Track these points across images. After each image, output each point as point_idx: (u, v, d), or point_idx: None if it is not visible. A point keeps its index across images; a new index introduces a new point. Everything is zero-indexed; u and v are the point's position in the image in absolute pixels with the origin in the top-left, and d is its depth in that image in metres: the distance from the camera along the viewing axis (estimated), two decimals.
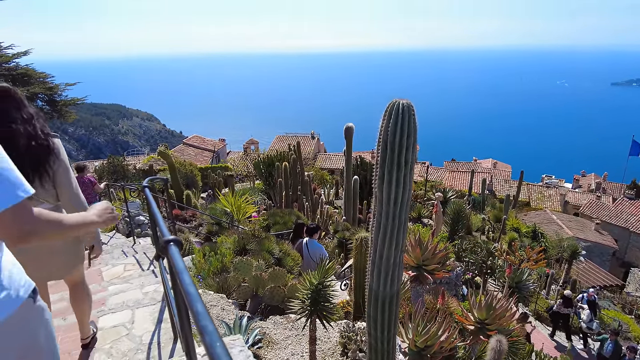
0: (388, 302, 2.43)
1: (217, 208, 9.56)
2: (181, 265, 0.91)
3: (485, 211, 20.80)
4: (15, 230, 1.09)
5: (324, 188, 22.00)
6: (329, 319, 3.43)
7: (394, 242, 2.26)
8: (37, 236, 1.15)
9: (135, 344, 3.00)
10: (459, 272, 9.04)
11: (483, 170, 37.28)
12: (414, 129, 2.15)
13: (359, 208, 12.64)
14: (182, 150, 34.40)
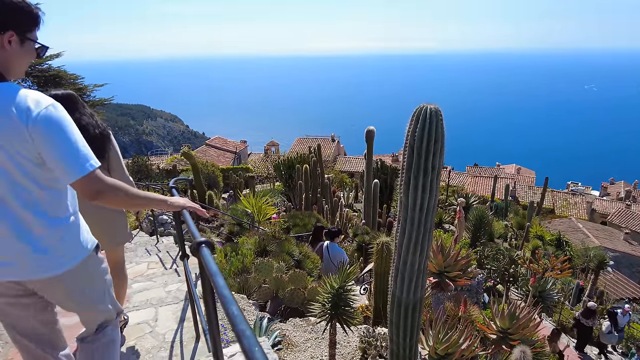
0: (411, 309, 2.40)
1: (238, 209, 9.66)
2: (214, 267, 0.93)
3: (507, 218, 20.39)
4: (89, 190, 1.44)
5: (344, 191, 21.98)
6: (349, 323, 3.41)
7: (418, 248, 2.24)
8: (104, 195, 1.47)
9: (159, 341, 3.05)
10: (480, 279, 8.87)
11: (506, 176, 36.59)
12: (442, 135, 2.12)
13: (378, 212, 12.56)
14: (204, 151, 34.94)
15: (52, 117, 1.40)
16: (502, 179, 32.00)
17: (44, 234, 1.48)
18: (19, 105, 1.37)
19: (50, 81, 17.02)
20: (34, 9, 1.50)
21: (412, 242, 2.23)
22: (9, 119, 1.35)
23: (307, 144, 34.90)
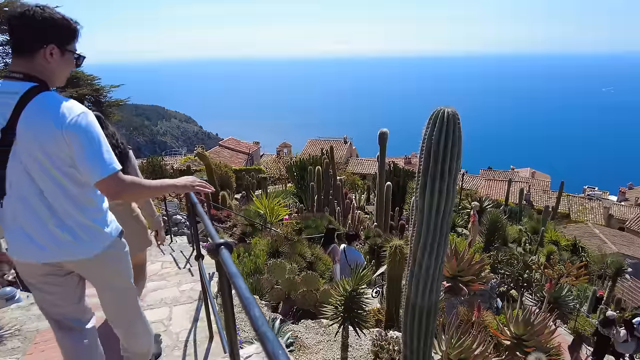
0: (426, 314, 2.38)
1: (251, 209, 9.70)
2: (234, 269, 0.93)
3: (522, 222, 20.10)
4: (111, 190, 1.64)
5: (355, 193, 21.92)
6: (362, 326, 3.40)
7: (434, 252, 2.22)
8: (124, 193, 1.68)
9: (173, 340, 3.07)
10: (493, 284, 8.77)
11: (521, 179, 36.10)
12: (459, 138, 2.10)
13: (390, 214, 12.50)
14: (217, 152, 35.21)
15: (82, 123, 1.59)
16: (517, 183, 31.58)
17: (75, 223, 1.71)
18: (57, 112, 1.56)
19: (68, 82, 17.30)
20: (72, 24, 1.69)
21: (427, 246, 2.21)
22: (49, 124, 1.54)
23: (319, 146, 34.92)
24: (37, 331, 3.29)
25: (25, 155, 1.59)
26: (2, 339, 3.13)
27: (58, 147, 1.57)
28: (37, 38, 1.60)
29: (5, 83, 1.59)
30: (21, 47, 1.61)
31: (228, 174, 19.94)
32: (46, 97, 1.58)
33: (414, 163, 39.87)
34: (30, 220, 1.67)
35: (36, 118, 1.55)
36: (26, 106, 1.54)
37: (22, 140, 1.56)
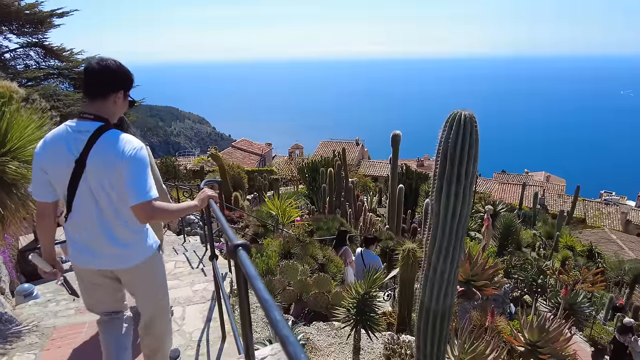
0: (440, 318, 2.36)
1: (263, 210, 9.73)
2: (253, 271, 0.93)
3: (536, 226, 19.80)
4: (142, 214, 1.90)
5: (367, 195, 21.85)
6: (374, 329, 3.39)
7: (449, 256, 2.19)
8: (154, 218, 1.96)
9: (186, 340, 3.10)
10: (507, 289, 8.64)
11: (535, 183, 35.60)
12: (476, 141, 2.08)
13: (403, 217, 12.43)
14: (230, 153, 35.44)
15: (136, 156, 1.92)
16: (531, 187, 31.14)
17: (125, 238, 2.06)
18: (118, 146, 1.91)
19: None
20: (132, 75, 2.11)
21: (442, 249, 2.19)
22: (112, 156, 1.89)
23: (331, 148, 34.91)
24: (54, 328, 3.35)
25: (92, 180, 1.93)
26: (20, 334, 3.19)
27: (116, 174, 1.91)
28: (112, 86, 2.00)
29: (80, 123, 1.96)
30: (96, 93, 1.99)
31: (240, 175, 20.05)
32: (111, 134, 1.94)
33: (427, 165, 39.60)
34: (89, 233, 2.02)
35: (102, 151, 1.90)
36: (95, 142, 1.90)
37: (91, 169, 1.91)
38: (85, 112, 1.97)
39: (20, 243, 5.45)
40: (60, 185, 1.98)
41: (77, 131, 1.93)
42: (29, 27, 16.20)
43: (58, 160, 1.93)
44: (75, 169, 1.91)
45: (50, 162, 1.95)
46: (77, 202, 1.98)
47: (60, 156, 1.92)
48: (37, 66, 17.25)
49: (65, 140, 1.93)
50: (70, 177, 1.94)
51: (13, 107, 3.34)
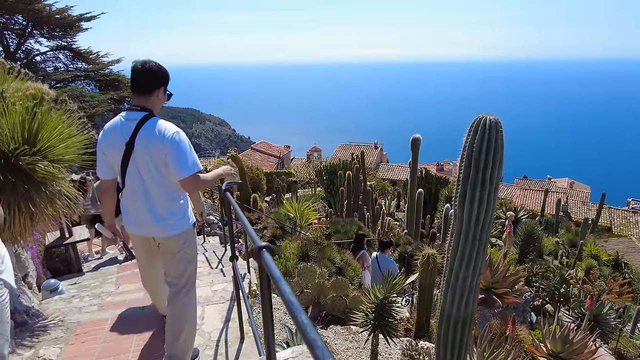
0: (461, 325, 2.32)
1: (281, 212, 9.78)
2: (278, 273, 0.93)
3: (558, 234, 19.32)
4: (188, 186, 2.35)
5: (385, 199, 21.72)
6: (392, 335, 3.35)
7: (472, 263, 2.16)
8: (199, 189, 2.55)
9: (205, 339, 3.13)
10: (528, 297, 8.44)
11: (558, 189, 34.75)
12: (501, 146, 2.04)
13: (422, 222, 12.30)
14: (249, 155, 35.77)
15: (176, 139, 2.31)
16: (554, 193, 30.42)
17: (165, 211, 2.44)
18: (160, 130, 2.31)
19: (110, 84, 18.12)
20: (169, 73, 2.50)
21: (465, 256, 2.16)
22: (156, 138, 2.29)
23: (349, 151, 34.87)
24: (79, 323, 3.43)
25: (139, 160, 2.34)
26: (47, 328, 3.28)
27: (161, 154, 2.30)
28: (155, 84, 2.42)
29: (129, 113, 2.40)
30: (143, 89, 2.41)
31: (259, 177, 20.21)
32: (153, 121, 2.35)
33: (447, 170, 39.13)
34: (137, 206, 2.44)
35: (147, 134, 2.30)
36: (141, 128, 2.31)
37: (138, 150, 2.32)
38: (134, 104, 2.42)
39: (47, 239, 5.61)
40: (115, 165, 2.44)
41: (127, 120, 2.37)
42: (58, 31, 16.75)
43: (113, 143, 2.39)
44: (125, 151, 2.35)
45: (108, 145, 2.42)
46: (128, 179, 2.41)
47: (115, 140, 2.38)
48: (65, 68, 17.80)
49: (119, 127, 2.38)
50: (122, 157, 2.37)
51: (44, 108, 3.44)
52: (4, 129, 3.21)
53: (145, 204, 2.41)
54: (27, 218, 3.45)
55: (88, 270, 5.69)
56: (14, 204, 3.31)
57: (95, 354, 2.92)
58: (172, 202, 2.46)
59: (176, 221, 2.47)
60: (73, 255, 5.64)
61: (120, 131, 2.37)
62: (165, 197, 2.42)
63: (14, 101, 3.32)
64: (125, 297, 4.14)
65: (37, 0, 15.97)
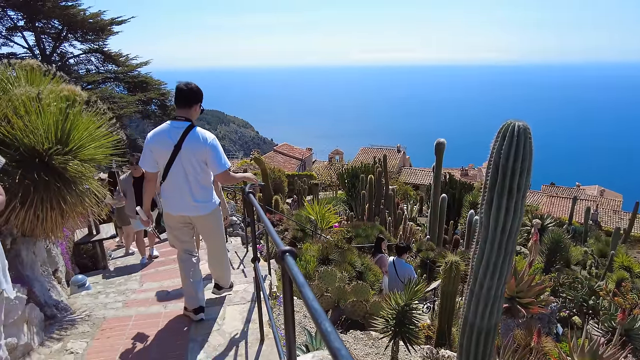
0: (484, 335, 2.26)
1: (302, 215, 9.80)
2: (301, 278, 0.93)
3: (587, 243, 18.66)
4: (222, 178, 3.15)
5: (407, 203, 21.49)
6: (413, 342, 3.31)
7: (497, 272, 2.10)
8: (228, 182, 3.25)
9: (225, 340, 3.16)
10: (554, 308, 8.18)
11: (587, 197, 33.60)
12: (530, 153, 1.99)
13: (445, 228, 12.11)
14: (272, 157, 36.05)
15: (214, 143, 3.08)
16: (582, 201, 29.45)
17: (200, 196, 3.17)
18: (203, 137, 3.05)
19: (138, 86, 18.61)
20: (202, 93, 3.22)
21: (490, 265, 2.11)
22: (200, 143, 3.02)
23: (372, 154, 34.69)
24: (104, 318, 3.52)
25: (184, 158, 3.03)
26: (74, 322, 3.38)
27: (202, 155, 3.06)
28: (195, 100, 3.12)
29: (176, 122, 3.05)
30: (186, 104, 3.09)
31: (281, 179, 20.33)
32: (196, 130, 3.06)
33: (471, 175, 38.42)
34: (179, 192, 3.13)
35: (193, 140, 3.02)
36: (188, 134, 3.01)
37: (185, 151, 3.01)
38: (179, 115, 3.09)
39: (76, 236, 5.79)
40: (161, 161, 3.09)
41: (175, 127, 3.05)
42: (91, 34, 17.33)
43: (162, 144, 3.04)
44: (173, 151, 3.02)
45: (156, 145, 3.07)
46: (172, 172, 3.07)
47: (164, 142, 3.03)
48: (96, 70, 18.39)
49: (167, 132, 3.04)
50: (170, 156, 3.03)
51: (76, 109, 3.56)
52: (39, 129, 3.34)
53: (186, 191, 3.11)
54: (58, 215, 3.57)
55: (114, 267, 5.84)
56: (47, 201, 3.43)
57: (120, 350, 2.99)
58: (205, 190, 3.20)
59: (207, 204, 3.24)
60: (100, 251, 5.80)
61: (169, 135, 3.03)
62: (200, 187, 3.15)
63: (48, 102, 3.45)
64: (148, 294, 4.23)
65: (72, 6, 16.59)
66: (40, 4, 15.65)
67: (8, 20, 16.46)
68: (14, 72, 3.74)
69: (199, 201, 3.16)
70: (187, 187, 3.10)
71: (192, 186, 3.11)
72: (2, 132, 3.23)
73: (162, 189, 3.21)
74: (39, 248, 3.75)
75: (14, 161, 3.30)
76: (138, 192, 5.35)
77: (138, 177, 5.48)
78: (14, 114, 3.33)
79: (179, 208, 3.20)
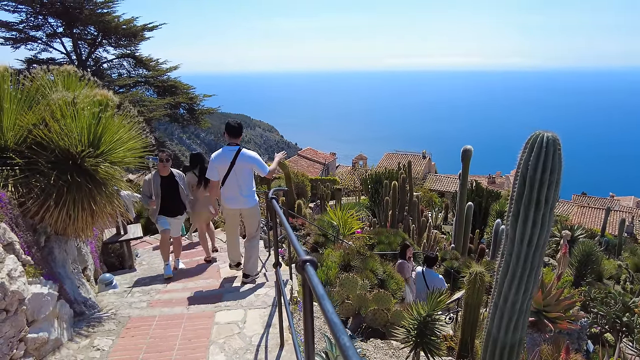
0: (508, 350, 2.20)
1: (324, 220, 9.79)
2: (321, 290, 0.93)
3: (622, 257, 17.91)
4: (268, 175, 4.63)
5: (432, 211, 21.17)
6: (434, 353, 3.25)
7: (522, 286, 2.05)
8: (273, 174, 4.85)
9: (245, 343, 3.18)
10: (584, 323, 7.87)
11: (622, 209, 32.24)
12: (559, 165, 1.93)
13: (470, 237, 11.86)
14: (296, 161, 36.26)
15: (257, 158, 4.50)
16: (617, 212, 28.31)
17: (248, 194, 4.51)
18: (249, 155, 4.45)
19: (167, 90, 19.09)
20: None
21: (516, 279, 2.05)
22: (248, 159, 4.43)
23: (396, 160, 34.39)
24: (129, 317, 3.61)
25: (237, 170, 4.39)
26: (101, 320, 3.48)
27: (250, 166, 4.46)
28: (241, 133, 4.50)
29: (229, 147, 4.41)
30: (237, 135, 4.44)
31: (304, 183, 20.40)
32: (245, 151, 4.45)
33: (498, 183, 37.55)
34: (233, 192, 4.46)
35: (243, 158, 4.39)
36: (239, 154, 4.37)
37: (238, 165, 4.37)
38: (231, 142, 4.44)
39: (104, 236, 5.97)
40: (221, 173, 4.42)
41: (229, 150, 4.41)
42: (124, 40, 17.95)
43: (223, 162, 4.40)
44: (230, 166, 4.38)
45: (219, 163, 4.42)
46: (229, 179, 4.42)
47: (224, 160, 4.40)
48: (128, 75, 18.99)
49: (224, 154, 4.41)
50: (227, 169, 4.38)
51: (108, 113, 3.68)
52: (74, 132, 3.47)
53: (238, 191, 4.45)
54: (88, 215, 3.69)
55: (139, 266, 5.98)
56: (79, 201, 3.56)
57: (144, 349, 3.06)
58: (250, 190, 4.55)
59: (252, 200, 4.56)
60: (127, 251, 5.96)
61: (226, 156, 4.40)
62: (248, 188, 4.51)
63: (83, 107, 3.59)
64: (172, 295, 4.31)
65: (107, 13, 17.24)
66: (78, 12, 16.33)
67: (48, 27, 17.23)
68: (52, 78, 3.90)
69: (246, 197, 4.49)
70: (239, 189, 4.44)
71: (242, 188, 4.45)
72: (40, 134, 3.38)
73: (222, 191, 4.51)
74: (70, 246, 3.89)
75: (49, 163, 3.45)
76: (167, 193, 5.14)
77: (166, 176, 5.16)
78: (51, 117, 3.48)
79: (233, 204, 4.53)
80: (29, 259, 2.92)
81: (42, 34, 17.35)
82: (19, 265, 2.69)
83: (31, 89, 3.63)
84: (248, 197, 4.49)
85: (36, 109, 3.52)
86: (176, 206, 5.27)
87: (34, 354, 2.73)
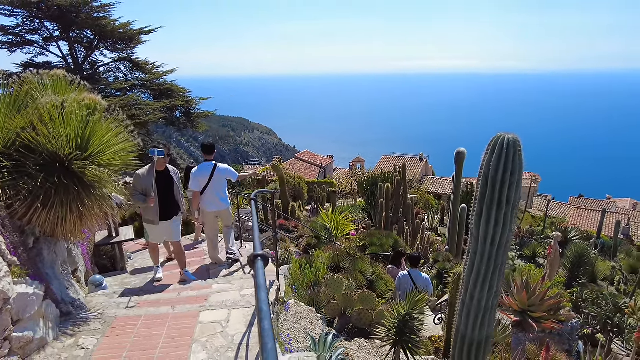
0: (475, 347, 2.27)
1: (318, 222, 9.86)
2: (262, 281, 1.00)
3: (617, 258, 17.97)
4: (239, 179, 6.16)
5: (429, 213, 21.24)
6: (413, 352, 3.31)
7: (487, 284, 2.11)
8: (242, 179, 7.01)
9: (227, 342, 3.25)
10: (574, 324, 7.92)
11: (618, 210, 32.32)
12: (519, 166, 2.00)
13: (464, 239, 11.92)
14: (293, 164, 36.32)
15: (230, 170, 5.75)
16: (613, 214, 28.39)
17: (223, 199, 5.65)
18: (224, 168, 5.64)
19: (164, 93, 19.17)
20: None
21: (480, 277, 2.12)
22: (223, 172, 5.59)
23: (393, 162, 34.47)
24: (115, 317, 3.67)
25: (215, 181, 5.48)
26: (87, 320, 3.54)
27: (225, 176, 5.63)
28: (213, 150, 5.57)
29: (207, 163, 5.51)
30: (210, 152, 5.52)
31: (301, 186, 20.47)
32: (220, 165, 5.59)
33: None
34: (212, 198, 5.52)
35: (220, 171, 5.52)
36: (216, 168, 5.49)
37: (215, 177, 5.47)
38: (207, 159, 5.49)
39: (96, 238, 6.03)
40: (202, 183, 5.39)
41: (207, 166, 5.44)
42: (121, 43, 18.04)
43: (203, 175, 5.41)
44: (209, 178, 5.40)
45: (200, 175, 5.42)
46: (208, 189, 5.42)
47: (204, 173, 5.41)
48: (124, 78, 19.08)
49: (204, 169, 5.41)
50: (207, 181, 5.39)
51: (96, 117, 3.76)
52: (62, 135, 3.54)
53: (216, 197, 5.47)
54: (77, 217, 3.76)
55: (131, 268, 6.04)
56: (66, 204, 3.63)
57: (127, 347, 3.12)
58: (225, 195, 5.65)
59: (226, 203, 5.64)
60: (119, 253, 6.02)
61: (205, 170, 5.39)
62: (223, 194, 5.58)
63: (71, 110, 3.66)
64: (160, 296, 4.38)
65: (104, 17, 17.33)
66: (75, 15, 16.42)
67: (45, 30, 17.32)
68: (42, 81, 3.97)
69: (222, 201, 5.55)
70: (217, 195, 5.48)
71: (219, 194, 5.51)
72: (28, 137, 3.45)
73: (202, 198, 5.46)
74: (59, 248, 3.95)
75: (38, 165, 3.52)
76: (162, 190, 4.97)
77: (161, 171, 5.03)
78: (39, 121, 3.55)
79: (212, 207, 5.51)
80: (15, 260, 2.99)
81: (39, 37, 17.44)
82: (5, 265, 2.75)
83: (20, 92, 3.70)
84: (223, 200, 5.59)
85: (25, 113, 3.59)
86: (171, 206, 5.10)
87: (18, 352, 2.79)
